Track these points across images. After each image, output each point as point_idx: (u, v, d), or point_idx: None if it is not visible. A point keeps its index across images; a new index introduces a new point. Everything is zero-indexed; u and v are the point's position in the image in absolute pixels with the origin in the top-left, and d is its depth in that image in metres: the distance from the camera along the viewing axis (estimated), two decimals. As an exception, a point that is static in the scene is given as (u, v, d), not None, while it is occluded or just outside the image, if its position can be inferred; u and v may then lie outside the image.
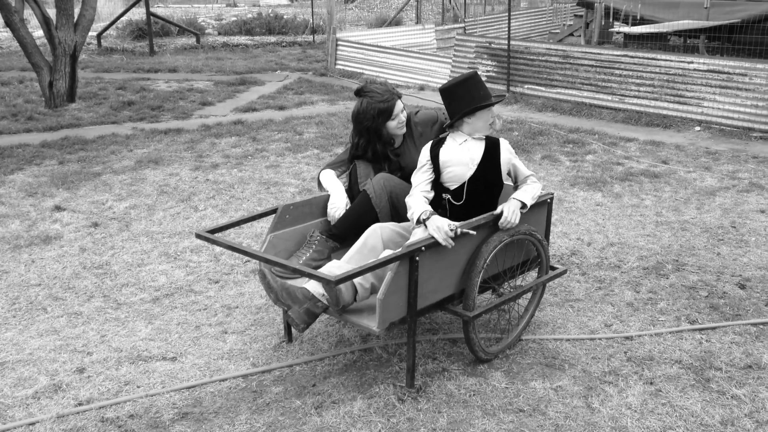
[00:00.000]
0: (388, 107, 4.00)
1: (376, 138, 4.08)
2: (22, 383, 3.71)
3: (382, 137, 4.09)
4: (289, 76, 13.69)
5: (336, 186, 4.13)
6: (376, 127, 4.05)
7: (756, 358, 3.81)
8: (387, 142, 4.14)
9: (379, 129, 4.05)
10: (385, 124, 4.05)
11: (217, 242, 3.53)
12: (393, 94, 4.05)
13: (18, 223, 6.00)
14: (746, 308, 4.39)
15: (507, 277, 3.90)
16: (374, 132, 4.07)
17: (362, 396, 3.53)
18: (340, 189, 4.12)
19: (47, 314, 4.48)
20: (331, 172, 4.22)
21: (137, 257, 5.32)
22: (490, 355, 3.81)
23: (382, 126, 4.05)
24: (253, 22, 20.36)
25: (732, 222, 5.83)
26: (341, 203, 4.06)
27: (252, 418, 3.39)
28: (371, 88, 4.07)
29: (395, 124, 4.05)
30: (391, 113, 4.02)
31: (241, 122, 9.70)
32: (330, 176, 4.19)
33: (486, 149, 3.72)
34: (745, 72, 9.05)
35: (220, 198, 6.57)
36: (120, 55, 16.60)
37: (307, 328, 3.52)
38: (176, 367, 3.85)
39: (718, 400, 3.46)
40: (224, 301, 4.62)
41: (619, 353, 3.89)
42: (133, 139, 8.84)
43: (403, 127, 4.11)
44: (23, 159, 7.91)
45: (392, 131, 4.08)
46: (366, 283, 3.50)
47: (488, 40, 12.26)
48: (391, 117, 4.03)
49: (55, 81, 10.50)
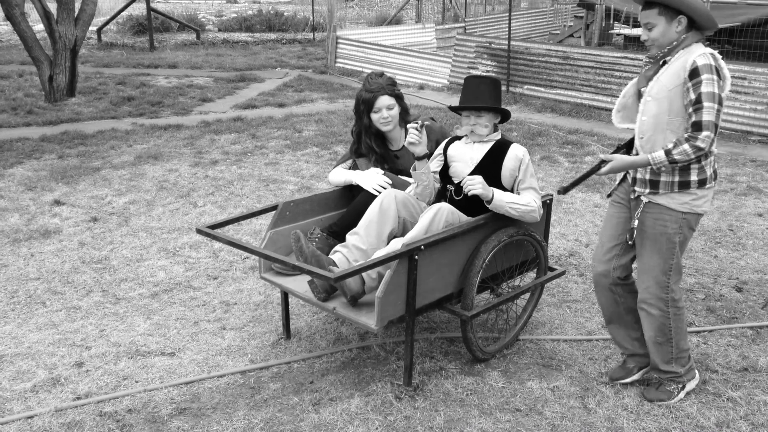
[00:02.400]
0: (370, 99, 4.06)
1: (365, 126, 4.14)
2: (20, 377, 3.72)
3: (371, 128, 4.13)
4: (289, 74, 13.69)
5: (350, 174, 4.16)
6: (360, 115, 4.13)
7: (752, 361, 3.83)
8: (377, 135, 4.16)
9: (361, 117, 4.13)
10: (369, 115, 4.10)
11: (217, 238, 3.54)
12: (382, 88, 4.06)
13: (17, 217, 6.01)
14: (743, 311, 4.41)
15: (505, 277, 3.91)
16: (360, 119, 4.14)
17: (360, 393, 3.55)
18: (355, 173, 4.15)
19: (46, 308, 4.48)
20: (338, 168, 4.26)
21: (136, 252, 5.32)
22: (488, 355, 3.82)
23: (365, 115, 4.11)
24: (253, 19, 20.35)
25: (729, 225, 5.85)
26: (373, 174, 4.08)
27: (250, 414, 3.41)
28: (370, 78, 4.13)
29: (377, 118, 4.09)
30: (372, 106, 4.07)
31: (240, 119, 9.71)
32: (338, 172, 4.22)
33: (490, 151, 3.72)
34: (744, 75, 9.06)
35: (220, 194, 6.58)
36: (120, 50, 16.59)
37: (326, 298, 3.55)
38: (174, 362, 3.86)
39: (714, 402, 3.48)
40: (223, 297, 4.63)
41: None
42: (133, 135, 8.84)
43: (387, 124, 4.10)
44: (23, 153, 7.91)
45: (376, 124, 4.11)
46: (372, 272, 3.50)
47: (488, 40, 12.27)
48: (373, 110, 4.08)
49: (55, 75, 10.49)
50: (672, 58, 3.14)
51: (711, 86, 2.99)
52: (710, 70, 3.00)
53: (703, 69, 3.00)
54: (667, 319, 3.34)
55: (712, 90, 2.99)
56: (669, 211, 3.20)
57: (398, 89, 4.17)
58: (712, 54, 3.05)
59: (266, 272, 3.88)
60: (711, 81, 2.99)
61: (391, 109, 4.09)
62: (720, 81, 3.03)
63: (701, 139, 2.99)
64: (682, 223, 3.21)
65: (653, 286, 3.31)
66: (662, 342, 3.39)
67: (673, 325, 3.35)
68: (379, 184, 4.00)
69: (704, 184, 3.17)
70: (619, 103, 3.45)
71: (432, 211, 3.53)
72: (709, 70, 3.00)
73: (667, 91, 3.11)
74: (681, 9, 3.07)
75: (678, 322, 3.36)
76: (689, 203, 3.18)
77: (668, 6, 3.06)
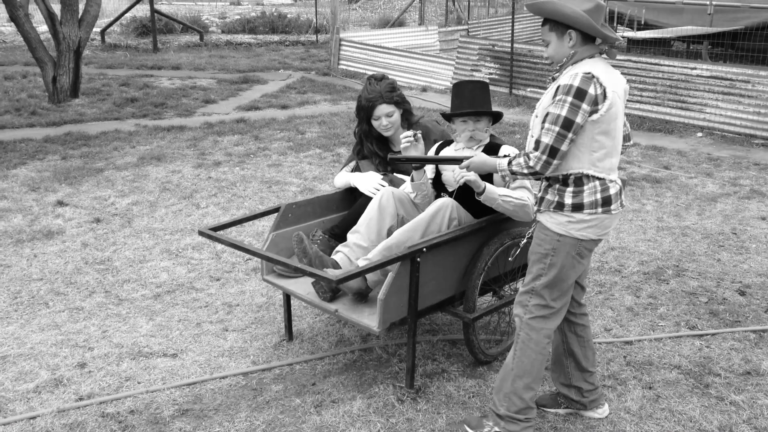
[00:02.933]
0: (368, 106, 4.05)
1: (365, 131, 4.15)
2: (23, 377, 3.72)
3: (372, 133, 4.15)
4: (292, 76, 13.70)
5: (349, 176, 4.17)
6: (360, 120, 4.13)
7: (755, 365, 3.82)
8: (379, 139, 4.16)
9: (362, 122, 4.14)
10: (368, 122, 4.11)
11: (219, 240, 3.55)
12: (381, 96, 4.01)
13: (20, 218, 6.02)
14: (746, 315, 4.40)
15: (508, 280, 3.91)
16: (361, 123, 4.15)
17: (362, 396, 3.55)
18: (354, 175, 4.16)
19: (49, 309, 4.49)
20: (342, 171, 4.27)
21: (139, 253, 5.33)
22: (490, 358, 3.82)
23: (364, 122, 4.12)
24: (256, 21, 20.37)
25: (733, 228, 5.84)
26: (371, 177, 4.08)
27: (252, 416, 3.41)
28: (369, 83, 4.10)
29: (376, 125, 4.10)
30: (371, 114, 4.06)
31: (243, 120, 9.71)
32: (341, 175, 4.23)
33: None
34: (747, 79, 9.06)
35: (222, 196, 6.59)
36: (123, 52, 16.62)
37: (331, 298, 3.55)
38: (177, 363, 3.87)
39: (717, 405, 3.47)
40: (225, 298, 4.63)
41: (619, 357, 3.90)
42: (136, 136, 8.85)
43: (388, 130, 4.09)
44: (26, 154, 7.93)
45: (378, 129, 4.11)
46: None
47: (491, 42, 12.27)
48: (372, 117, 4.07)
49: (58, 76, 10.51)
50: (561, 75, 2.98)
51: (560, 108, 2.81)
52: (567, 92, 2.81)
53: (562, 89, 2.83)
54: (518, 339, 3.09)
55: (559, 112, 2.81)
56: (545, 229, 3.03)
57: (398, 95, 4.09)
58: (585, 75, 2.82)
59: (268, 274, 3.88)
60: (562, 103, 2.81)
61: (391, 116, 4.07)
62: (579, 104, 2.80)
63: (532, 158, 2.86)
64: (556, 245, 2.98)
65: (516, 302, 3.14)
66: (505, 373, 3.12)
67: (517, 352, 3.07)
68: (375, 187, 4.00)
69: (580, 209, 2.93)
70: None
71: (435, 206, 3.52)
72: (566, 92, 2.81)
73: (544, 109, 2.95)
74: (564, 22, 2.90)
75: (522, 351, 3.06)
76: (564, 225, 2.96)
77: (556, 21, 2.93)
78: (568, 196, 2.96)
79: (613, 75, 2.92)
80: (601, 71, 2.87)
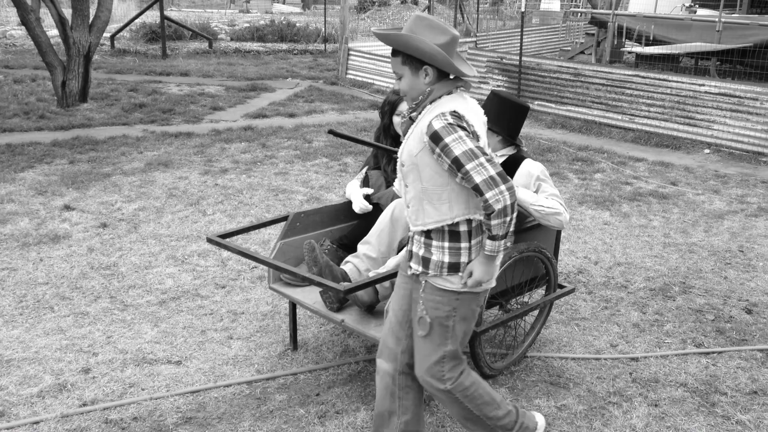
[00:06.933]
0: (396, 101, 4.15)
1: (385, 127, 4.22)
2: (27, 381, 3.72)
3: (390, 130, 4.21)
4: (300, 84, 13.74)
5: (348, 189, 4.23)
6: (383, 115, 4.22)
7: (762, 384, 3.79)
8: (395, 139, 4.20)
9: (384, 117, 4.22)
10: (391, 117, 4.18)
11: (227, 247, 3.54)
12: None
13: (27, 221, 6.03)
14: (753, 333, 4.38)
15: (515, 294, 3.89)
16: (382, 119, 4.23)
17: (366, 407, 3.53)
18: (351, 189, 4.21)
19: (54, 313, 4.49)
20: (353, 181, 4.28)
21: (145, 259, 5.33)
22: (495, 371, 3.80)
23: (387, 116, 4.20)
24: (265, 29, 20.45)
25: (740, 246, 5.82)
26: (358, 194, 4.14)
27: (255, 425, 3.39)
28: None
29: (397, 121, 4.15)
30: (396, 108, 4.16)
31: (251, 128, 9.73)
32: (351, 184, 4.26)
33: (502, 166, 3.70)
34: (756, 96, 9.05)
35: (229, 203, 6.59)
36: (133, 57, 16.69)
37: (338, 309, 3.56)
38: (181, 371, 3.86)
39: (723, 425, 3.45)
40: (230, 306, 4.63)
41: (625, 374, 3.88)
42: (144, 141, 8.87)
43: None
44: (34, 157, 7.95)
45: (396, 127, 4.19)
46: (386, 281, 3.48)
47: (500, 54, 12.29)
48: (396, 112, 4.16)
49: (68, 81, 10.56)
50: (420, 115, 2.75)
51: (461, 145, 2.58)
52: (450, 131, 2.59)
53: (443, 132, 2.59)
54: (458, 403, 2.93)
55: (465, 148, 2.58)
56: (440, 292, 2.79)
57: None
58: (453, 114, 2.63)
59: (275, 282, 3.87)
60: (458, 140, 2.58)
61: None
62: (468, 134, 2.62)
63: (494, 201, 2.56)
64: (456, 304, 2.80)
65: (429, 380, 2.89)
66: (472, 419, 2.99)
67: (471, 406, 2.94)
68: (360, 207, 4.03)
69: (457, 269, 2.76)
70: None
71: None
72: (449, 131, 2.59)
73: (413, 157, 2.72)
74: (420, 58, 2.66)
75: (473, 401, 2.93)
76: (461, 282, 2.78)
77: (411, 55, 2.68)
78: (464, 253, 2.75)
79: (474, 111, 2.77)
80: (464, 109, 2.69)
